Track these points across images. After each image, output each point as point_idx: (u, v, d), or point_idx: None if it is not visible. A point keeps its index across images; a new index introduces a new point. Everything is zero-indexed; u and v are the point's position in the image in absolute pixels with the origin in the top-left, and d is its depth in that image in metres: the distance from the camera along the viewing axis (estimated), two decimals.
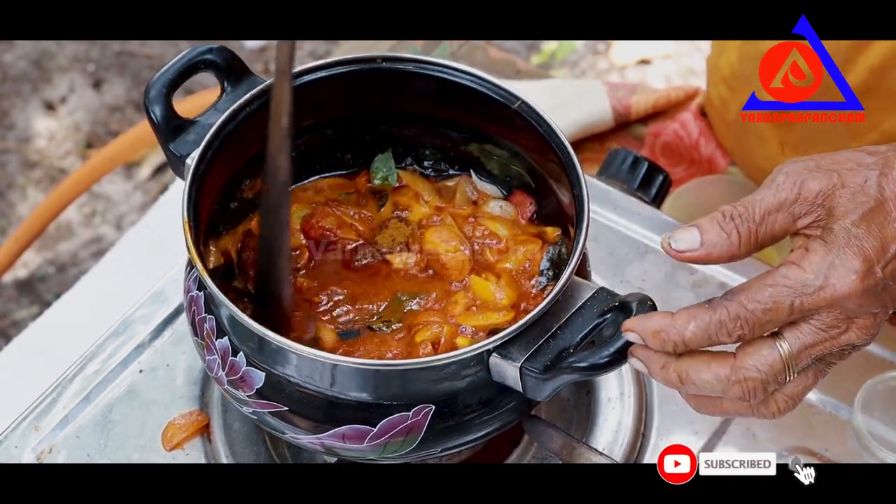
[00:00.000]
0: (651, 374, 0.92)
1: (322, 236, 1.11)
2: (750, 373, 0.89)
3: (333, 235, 1.11)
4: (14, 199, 2.53)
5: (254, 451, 1.15)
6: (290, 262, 1.04)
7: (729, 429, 1.17)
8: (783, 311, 0.89)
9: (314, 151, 1.15)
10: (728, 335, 0.90)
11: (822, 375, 0.93)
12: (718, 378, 0.90)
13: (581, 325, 0.97)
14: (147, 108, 1.07)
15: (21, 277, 2.41)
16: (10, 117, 2.64)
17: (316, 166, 1.17)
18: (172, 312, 1.24)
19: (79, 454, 1.15)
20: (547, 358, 0.95)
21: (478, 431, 1.01)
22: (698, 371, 0.90)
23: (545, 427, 1.10)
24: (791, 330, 0.90)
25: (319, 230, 1.11)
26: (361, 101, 1.13)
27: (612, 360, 0.94)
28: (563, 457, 1.09)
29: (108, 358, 1.21)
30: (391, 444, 0.99)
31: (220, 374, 1.03)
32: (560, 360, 0.94)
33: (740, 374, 0.89)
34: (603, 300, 0.98)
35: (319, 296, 1.08)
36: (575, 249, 0.99)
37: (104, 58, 2.73)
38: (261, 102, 1.07)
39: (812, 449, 1.15)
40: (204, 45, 1.09)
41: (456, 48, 1.62)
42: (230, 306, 0.98)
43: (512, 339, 0.96)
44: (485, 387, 0.98)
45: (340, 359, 0.97)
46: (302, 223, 1.11)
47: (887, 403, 1.17)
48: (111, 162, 2.01)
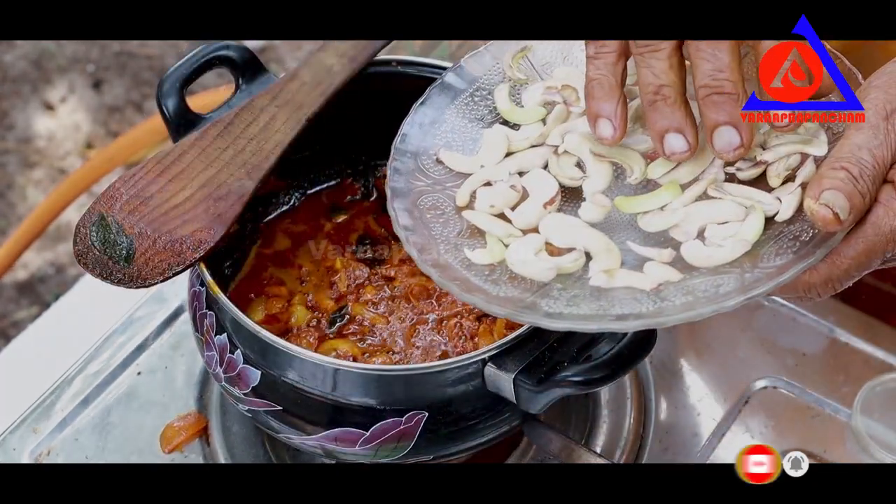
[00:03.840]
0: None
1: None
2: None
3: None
4: (14, 200, 2.53)
5: (252, 453, 1.15)
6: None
7: (728, 430, 1.17)
8: (875, 262, 0.87)
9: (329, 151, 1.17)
10: (819, 295, 0.88)
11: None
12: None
13: (577, 339, 0.97)
14: (160, 101, 1.07)
15: (21, 278, 2.41)
16: (10, 117, 2.64)
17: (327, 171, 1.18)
18: (171, 314, 1.24)
19: (77, 456, 1.15)
20: (542, 370, 0.95)
21: (471, 440, 1.01)
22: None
23: (544, 429, 1.10)
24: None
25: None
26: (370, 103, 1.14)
27: (607, 375, 0.94)
28: (561, 459, 1.09)
29: (107, 360, 1.21)
30: (383, 448, 0.99)
31: (218, 370, 1.03)
32: (555, 373, 0.94)
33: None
34: None
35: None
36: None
37: (104, 58, 2.73)
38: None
39: (811, 450, 1.15)
40: (219, 42, 1.09)
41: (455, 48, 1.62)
42: (228, 305, 0.98)
43: (508, 349, 0.96)
44: (479, 396, 0.98)
45: (335, 362, 0.98)
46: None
47: (886, 405, 1.17)
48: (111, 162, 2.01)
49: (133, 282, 0.99)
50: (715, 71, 0.87)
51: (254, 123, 1.07)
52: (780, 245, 0.87)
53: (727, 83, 0.87)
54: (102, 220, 1.01)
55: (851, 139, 0.87)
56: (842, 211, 0.84)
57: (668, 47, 0.89)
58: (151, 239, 1.00)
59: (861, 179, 0.85)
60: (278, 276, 1.13)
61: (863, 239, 0.86)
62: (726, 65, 0.87)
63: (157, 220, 1.01)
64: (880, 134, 0.87)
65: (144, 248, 1.00)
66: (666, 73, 0.89)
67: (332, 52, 1.11)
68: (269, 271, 1.14)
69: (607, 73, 0.91)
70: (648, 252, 0.90)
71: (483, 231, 0.94)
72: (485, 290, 0.89)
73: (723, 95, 0.87)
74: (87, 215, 1.01)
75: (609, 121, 0.92)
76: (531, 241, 0.92)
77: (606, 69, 0.91)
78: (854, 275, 0.87)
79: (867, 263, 0.87)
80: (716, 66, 0.87)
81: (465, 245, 0.93)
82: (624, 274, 0.89)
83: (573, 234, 0.92)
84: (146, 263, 0.99)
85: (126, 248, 1.00)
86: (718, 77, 0.87)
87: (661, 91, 0.89)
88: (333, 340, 1.08)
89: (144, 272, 0.99)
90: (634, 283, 0.88)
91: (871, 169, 0.85)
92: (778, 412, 1.18)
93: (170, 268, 1.00)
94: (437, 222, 0.95)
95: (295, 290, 1.12)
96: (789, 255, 0.86)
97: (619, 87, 0.92)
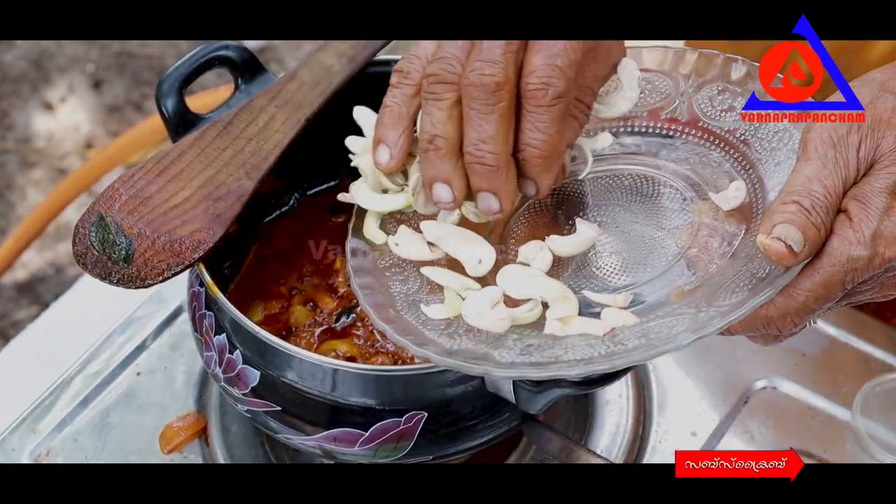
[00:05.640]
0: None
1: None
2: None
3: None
4: (14, 200, 2.53)
5: (251, 453, 1.15)
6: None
7: (728, 430, 1.17)
8: (836, 293, 0.86)
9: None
10: (779, 331, 0.87)
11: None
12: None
13: None
14: (159, 101, 1.07)
15: (20, 278, 2.41)
16: (10, 117, 2.64)
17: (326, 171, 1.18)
18: (171, 315, 1.24)
19: (77, 456, 1.15)
20: None
21: (470, 440, 1.01)
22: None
23: (543, 429, 1.10)
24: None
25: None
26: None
27: (607, 376, 0.93)
28: (561, 459, 1.09)
29: (106, 360, 1.21)
30: (382, 448, 0.99)
31: (217, 370, 1.03)
32: None
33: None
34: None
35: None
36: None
37: (104, 58, 2.73)
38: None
39: (811, 451, 1.15)
40: (219, 42, 1.09)
41: None
42: (227, 305, 0.98)
43: None
44: (479, 396, 0.98)
45: (334, 362, 0.98)
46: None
47: (886, 405, 1.17)
48: (110, 162, 2.01)
49: (132, 282, 0.99)
50: (479, 141, 0.87)
51: (253, 123, 1.07)
52: (738, 283, 0.87)
53: (488, 155, 0.87)
54: (102, 220, 1.01)
55: (801, 171, 0.85)
56: (795, 244, 0.83)
57: (451, 99, 0.88)
58: (151, 239, 1.00)
59: (813, 211, 0.84)
60: (278, 276, 1.13)
61: (819, 270, 0.85)
62: (490, 136, 0.87)
63: (157, 220, 1.01)
64: (829, 163, 0.85)
65: (143, 249, 1.00)
66: (443, 124, 0.88)
67: (331, 52, 1.11)
68: (269, 271, 1.14)
69: (402, 103, 0.91)
70: (603, 298, 0.91)
71: (442, 286, 0.95)
72: (439, 343, 0.90)
73: (484, 166, 0.88)
74: (86, 215, 1.01)
75: (388, 148, 0.91)
76: (488, 293, 0.93)
77: (402, 99, 0.91)
78: (813, 307, 0.86)
79: (826, 295, 0.85)
80: (480, 136, 0.87)
81: (423, 301, 0.94)
82: (578, 321, 0.90)
83: (530, 284, 0.92)
84: (145, 264, 0.99)
85: (125, 248, 1.00)
86: (481, 148, 0.87)
87: (434, 141, 0.88)
88: (333, 341, 1.08)
89: (143, 272, 0.99)
90: (588, 330, 0.89)
91: (822, 200, 0.84)
92: (777, 412, 1.18)
93: (169, 268, 1.00)
94: (396, 279, 0.96)
95: (294, 290, 1.12)
96: (745, 292, 0.86)
97: (408, 117, 0.91)
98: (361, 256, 0.97)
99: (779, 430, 1.17)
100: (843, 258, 0.84)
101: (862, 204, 0.85)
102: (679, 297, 0.90)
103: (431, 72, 0.89)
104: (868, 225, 0.84)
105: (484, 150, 0.87)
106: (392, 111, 0.91)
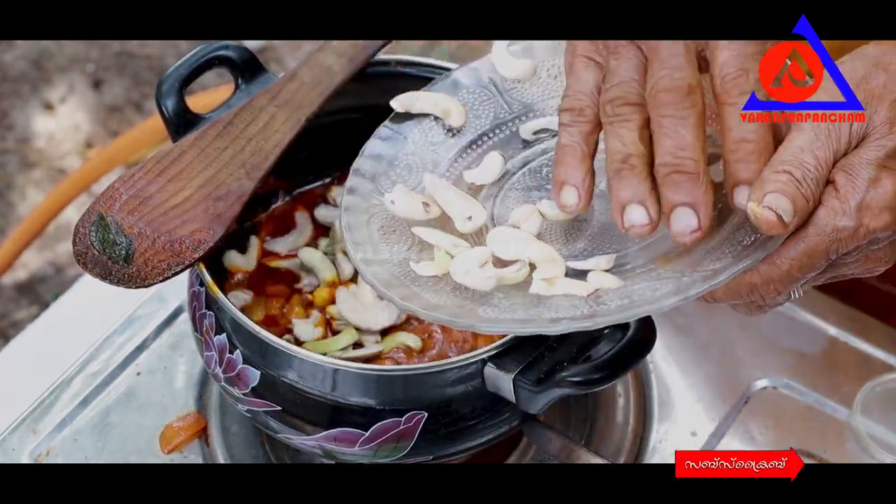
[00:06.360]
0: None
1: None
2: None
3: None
4: (13, 200, 2.53)
5: (252, 454, 1.15)
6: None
7: (728, 430, 1.17)
8: (819, 263, 0.86)
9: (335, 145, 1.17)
10: (763, 300, 0.87)
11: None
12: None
13: (577, 339, 0.97)
14: (159, 101, 1.07)
15: (20, 278, 2.41)
16: (10, 117, 2.64)
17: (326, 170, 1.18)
18: (171, 314, 1.24)
19: (77, 456, 1.15)
20: (541, 370, 0.95)
21: (471, 440, 1.01)
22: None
23: (544, 429, 1.10)
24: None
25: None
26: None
27: (607, 375, 0.94)
28: (561, 459, 1.09)
29: (106, 360, 1.21)
30: (382, 448, 0.99)
31: (217, 370, 1.03)
32: (554, 373, 0.94)
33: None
34: None
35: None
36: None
37: (104, 58, 2.73)
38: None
39: (811, 450, 1.15)
40: (219, 42, 1.09)
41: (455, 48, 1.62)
42: (227, 305, 0.98)
43: (508, 349, 0.96)
44: (479, 396, 0.99)
45: (335, 362, 0.98)
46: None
47: (886, 405, 1.17)
48: (111, 162, 2.01)
49: (132, 282, 0.99)
50: (676, 148, 0.84)
51: (253, 123, 1.07)
52: (723, 251, 0.87)
53: (688, 162, 0.84)
54: (102, 220, 1.01)
55: (793, 141, 0.85)
56: (785, 213, 0.83)
57: (639, 119, 0.86)
58: (151, 239, 1.00)
59: (804, 182, 0.84)
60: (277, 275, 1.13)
61: (804, 239, 0.85)
62: (689, 143, 0.84)
63: (157, 220, 1.01)
64: (822, 135, 0.85)
65: (144, 249, 1.00)
66: (635, 144, 0.86)
67: (331, 52, 1.11)
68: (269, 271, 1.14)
69: (581, 141, 0.89)
70: (587, 264, 0.92)
71: (432, 246, 0.95)
72: (425, 298, 0.91)
73: (683, 175, 0.84)
74: (86, 215, 1.01)
75: (575, 188, 0.89)
76: (477, 253, 0.93)
77: (580, 137, 0.89)
78: (797, 276, 0.86)
79: (809, 264, 0.85)
80: (678, 144, 0.84)
81: (412, 259, 0.94)
82: (563, 282, 0.90)
83: (518, 245, 0.93)
84: (145, 263, 1.00)
85: (125, 248, 1.00)
86: (679, 155, 0.84)
87: (628, 160, 0.86)
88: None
89: (144, 272, 0.99)
90: (573, 291, 0.89)
91: (813, 171, 0.84)
92: (778, 412, 1.18)
93: (169, 268, 1.00)
94: (388, 238, 0.97)
95: (294, 289, 1.12)
96: (728, 259, 0.86)
97: (590, 157, 0.89)
98: (354, 213, 0.98)
99: (779, 430, 1.17)
100: (828, 228, 0.84)
101: (849, 175, 0.85)
102: (664, 263, 0.90)
103: (614, 96, 0.87)
104: (854, 196, 0.84)
105: (683, 157, 0.84)
106: (574, 150, 0.89)
